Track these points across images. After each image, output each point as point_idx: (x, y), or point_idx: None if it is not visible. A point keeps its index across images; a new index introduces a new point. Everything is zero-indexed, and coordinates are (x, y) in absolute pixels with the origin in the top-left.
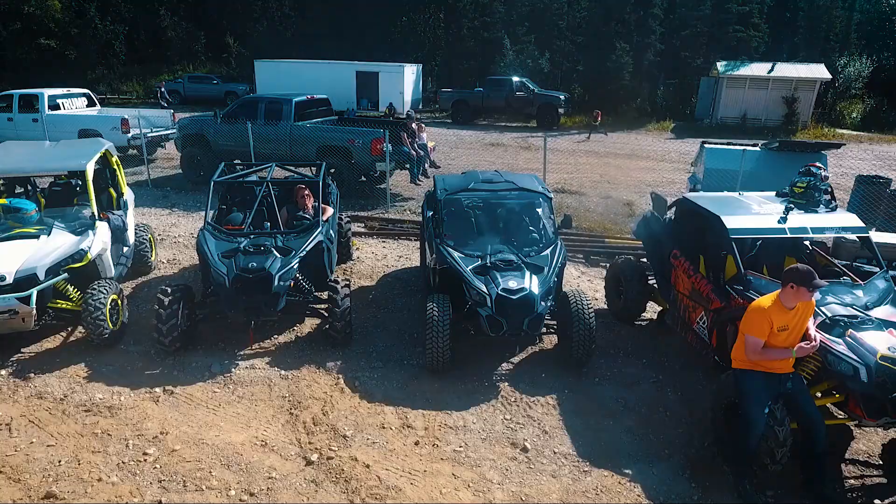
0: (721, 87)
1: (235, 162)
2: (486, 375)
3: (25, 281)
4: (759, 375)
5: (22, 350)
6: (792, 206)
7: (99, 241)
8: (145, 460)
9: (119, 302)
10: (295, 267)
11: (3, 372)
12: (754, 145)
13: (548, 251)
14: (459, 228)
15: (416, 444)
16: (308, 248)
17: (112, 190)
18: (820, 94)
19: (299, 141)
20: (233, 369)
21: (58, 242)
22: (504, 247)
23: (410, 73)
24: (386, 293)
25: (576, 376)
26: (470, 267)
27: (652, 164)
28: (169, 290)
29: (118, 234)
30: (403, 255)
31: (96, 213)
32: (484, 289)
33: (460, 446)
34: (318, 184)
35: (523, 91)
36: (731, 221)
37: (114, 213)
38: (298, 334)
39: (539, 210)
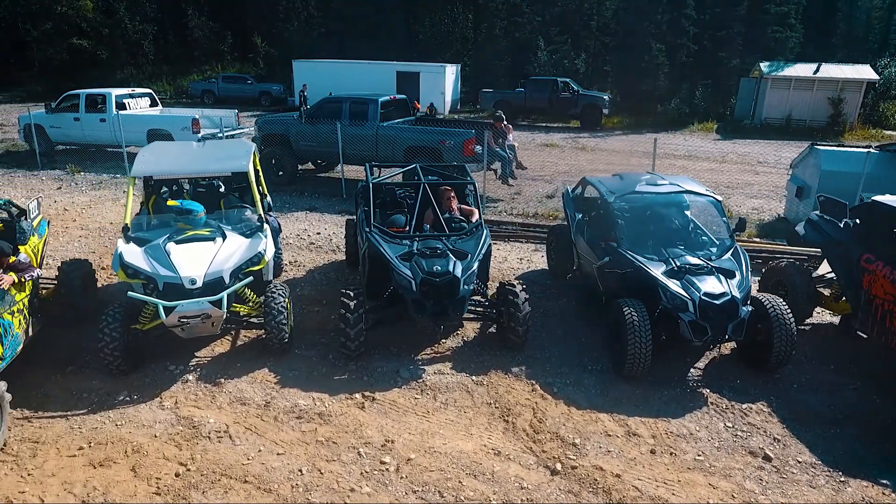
0: (764, 88)
1: (374, 164)
2: (680, 381)
3: (213, 284)
4: None
5: (196, 354)
6: None
7: (270, 243)
8: (386, 469)
9: (289, 305)
10: (475, 270)
11: (191, 377)
12: (867, 147)
13: (730, 254)
14: (634, 232)
15: (653, 452)
16: (484, 251)
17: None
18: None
19: (385, 141)
20: (422, 375)
21: (235, 245)
22: (681, 250)
23: (451, 73)
24: (530, 296)
25: (773, 382)
26: (660, 271)
27: (714, 165)
28: (352, 294)
29: (274, 237)
30: (523, 257)
31: (263, 216)
32: (684, 293)
33: (699, 455)
34: (470, 185)
35: (567, 91)
36: None
37: (270, 215)
38: (465, 338)
39: (711, 213)
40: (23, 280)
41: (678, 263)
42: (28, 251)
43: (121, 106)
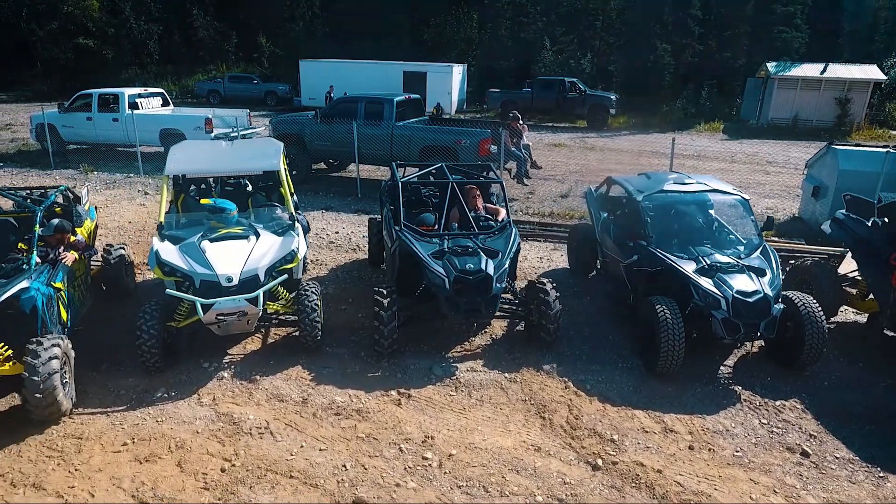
0: (771, 88)
1: (400, 163)
2: (712, 378)
3: (248, 282)
4: None
5: (228, 352)
6: None
7: (302, 241)
8: (429, 465)
9: (320, 303)
10: (507, 268)
11: (226, 374)
12: (886, 147)
13: (759, 252)
14: (663, 230)
15: (691, 448)
16: (514, 249)
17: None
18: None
19: (401, 141)
20: (455, 372)
21: (269, 243)
22: (711, 248)
23: (458, 73)
24: None
25: (803, 380)
26: (692, 269)
27: (725, 165)
28: (385, 293)
29: (303, 235)
30: (543, 256)
31: (295, 214)
32: (717, 291)
33: (737, 451)
34: (499, 184)
35: (574, 91)
36: None
37: (299, 214)
38: (493, 336)
39: (739, 211)
40: (82, 257)
41: (708, 261)
42: (83, 233)
43: (133, 106)
